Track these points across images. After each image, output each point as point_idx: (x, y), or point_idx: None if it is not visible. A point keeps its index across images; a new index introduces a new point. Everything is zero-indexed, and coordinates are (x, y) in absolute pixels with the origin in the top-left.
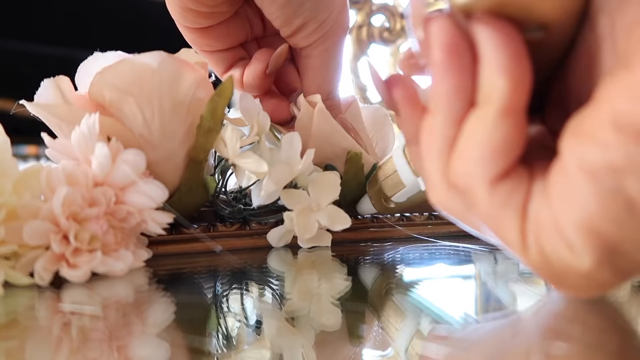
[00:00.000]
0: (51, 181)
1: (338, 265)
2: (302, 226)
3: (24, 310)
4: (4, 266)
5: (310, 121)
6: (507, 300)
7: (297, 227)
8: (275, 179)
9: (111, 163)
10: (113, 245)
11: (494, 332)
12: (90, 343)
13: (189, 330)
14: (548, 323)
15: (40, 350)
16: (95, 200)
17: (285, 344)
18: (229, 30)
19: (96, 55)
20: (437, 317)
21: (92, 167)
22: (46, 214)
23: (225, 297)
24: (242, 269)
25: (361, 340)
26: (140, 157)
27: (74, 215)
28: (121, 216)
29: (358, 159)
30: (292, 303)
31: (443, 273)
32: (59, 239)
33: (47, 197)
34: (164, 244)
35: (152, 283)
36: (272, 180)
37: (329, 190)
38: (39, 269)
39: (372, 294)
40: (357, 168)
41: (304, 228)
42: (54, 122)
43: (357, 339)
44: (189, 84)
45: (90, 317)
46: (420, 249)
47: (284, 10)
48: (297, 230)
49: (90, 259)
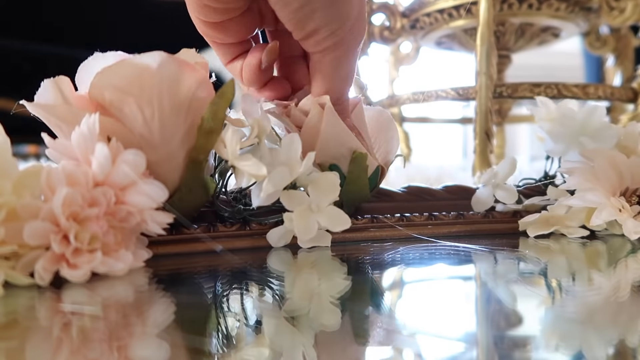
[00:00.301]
0: (51, 181)
1: (338, 265)
2: (302, 227)
3: (24, 310)
4: (4, 266)
5: (319, 121)
6: (507, 301)
7: (296, 229)
8: (274, 182)
9: (111, 163)
10: (113, 246)
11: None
12: (90, 343)
13: (189, 330)
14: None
15: (40, 351)
16: (95, 200)
17: (285, 343)
18: (241, 24)
19: (96, 55)
20: (437, 317)
21: (92, 167)
22: (46, 214)
23: (226, 297)
24: (242, 269)
25: (361, 341)
26: (140, 158)
27: (74, 216)
28: (121, 216)
29: (363, 159)
30: (292, 303)
31: (443, 273)
32: (59, 239)
33: (47, 197)
34: (164, 244)
35: (152, 283)
36: (271, 183)
37: (329, 191)
38: (39, 269)
39: (371, 294)
40: (361, 169)
41: (303, 229)
42: (54, 122)
43: (356, 339)
44: (189, 85)
45: (91, 317)
46: (420, 249)
47: (296, 14)
48: (297, 231)
49: (90, 259)
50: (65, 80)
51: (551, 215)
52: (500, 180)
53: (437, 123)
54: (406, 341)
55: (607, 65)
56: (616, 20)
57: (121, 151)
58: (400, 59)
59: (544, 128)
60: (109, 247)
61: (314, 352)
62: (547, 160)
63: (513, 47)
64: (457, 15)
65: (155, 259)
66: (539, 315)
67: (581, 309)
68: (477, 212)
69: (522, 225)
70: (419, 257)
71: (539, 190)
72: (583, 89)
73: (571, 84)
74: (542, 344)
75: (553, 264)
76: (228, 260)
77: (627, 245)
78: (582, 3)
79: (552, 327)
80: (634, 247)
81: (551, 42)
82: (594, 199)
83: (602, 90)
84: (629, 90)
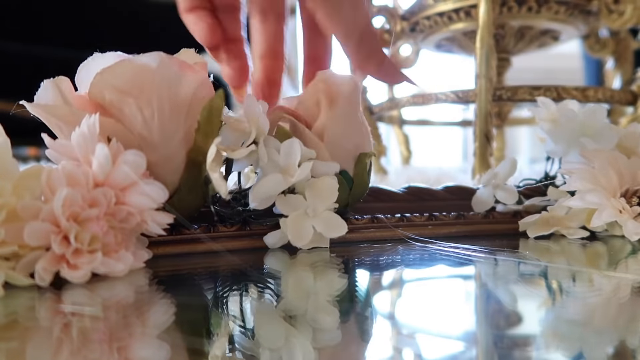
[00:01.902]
0: (51, 182)
1: (337, 266)
2: (296, 233)
3: (24, 311)
4: (4, 267)
5: (326, 119)
6: (507, 302)
7: (290, 234)
8: (266, 188)
9: (112, 163)
10: (113, 246)
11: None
12: (90, 344)
13: (189, 331)
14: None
15: (40, 352)
16: (95, 201)
17: (284, 344)
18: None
19: (96, 55)
20: (437, 317)
21: (93, 167)
22: (47, 214)
23: (225, 298)
24: (242, 270)
25: (360, 341)
26: (141, 158)
27: (74, 216)
28: (121, 217)
29: (363, 159)
30: (291, 303)
31: (443, 274)
32: (60, 240)
33: (47, 198)
34: (163, 245)
35: (153, 284)
36: (263, 189)
37: (326, 195)
38: (39, 269)
39: (371, 294)
40: (364, 169)
41: (297, 235)
42: (54, 123)
43: (355, 339)
44: (189, 85)
45: (91, 318)
46: (420, 250)
47: None
48: (291, 237)
49: (90, 259)
50: (65, 81)
51: (551, 216)
52: (501, 180)
53: (437, 126)
54: (406, 341)
55: (607, 68)
56: (615, 23)
57: (121, 151)
58: (400, 62)
59: (544, 129)
60: (109, 247)
61: (313, 352)
62: (547, 161)
63: (512, 50)
64: (457, 18)
65: (155, 260)
66: (538, 315)
67: (581, 310)
68: (477, 213)
69: (522, 226)
70: (419, 258)
71: (539, 191)
72: (582, 91)
73: (570, 87)
74: (542, 344)
75: (553, 264)
76: (228, 261)
77: (627, 246)
78: (582, 6)
79: (552, 327)
80: (634, 248)
81: (551, 45)
82: (594, 200)
83: (601, 93)
84: (628, 93)
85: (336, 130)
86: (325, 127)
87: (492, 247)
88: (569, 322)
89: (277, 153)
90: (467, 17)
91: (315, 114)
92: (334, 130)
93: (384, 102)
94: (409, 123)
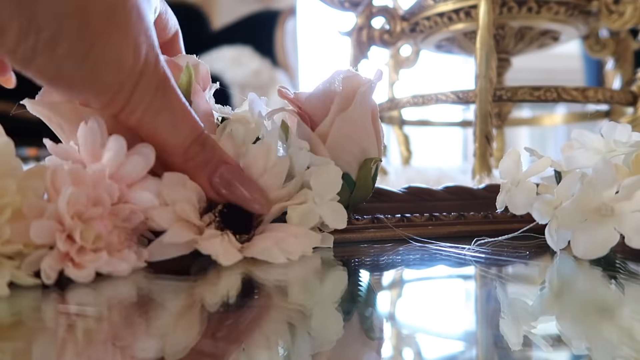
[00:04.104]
0: (56, 181)
1: (339, 266)
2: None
3: (29, 311)
4: (8, 266)
5: (331, 123)
6: (506, 302)
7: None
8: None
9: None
10: (116, 245)
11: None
12: (95, 344)
13: (191, 331)
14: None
15: (45, 351)
16: (99, 199)
17: (286, 344)
18: None
19: None
20: (437, 318)
21: (104, 159)
22: (51, 213)
23: (227, 298)
24: (243, 271)
25: (361, 341)
26: (151, 151)
27: (78, 215)
28: (124, 215)
29: (368, 163)
30: (292, 303)
31: (443, 274)
32: (64, 238)
33: (51, 196)
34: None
35: (155, 284)
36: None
37: (331, 183)
38: (45, 267)
39: (371, 295)
40: (369, 172)
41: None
42: (56, 122)
43: (356, 340)
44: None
45: (96, 318)
46: (421, 250)
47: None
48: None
49: (95, 258)
50: None
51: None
52: (523, 177)
53: (437, 126)
54: (406, 341)
55: (607, 68)
56: (615, 24)
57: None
58: (400, 63)
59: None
60: (112, 246)
61: (314, 354)
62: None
63: (512, 50)
64: (457, 18)
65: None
66: (539, 315)
67: (581, 309)
68: (477, 213)
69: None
70: (419, 258)
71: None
72: (582, 92)
73: (571, 88)
74: (541, 344)
75: (553, 265)
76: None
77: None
78: (582, 7)
79: (551, 327)
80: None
81: (551, 46)
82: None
83: (601, 93)
84: (628, 94)
85: (342, 132)
86: (332, 128)
87: (492, 247)
88: (569, 322)
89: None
90: (467, 17)
91: (322, 113)
92: (340, 132)
93: (384, 103)
94: (409, 123)
